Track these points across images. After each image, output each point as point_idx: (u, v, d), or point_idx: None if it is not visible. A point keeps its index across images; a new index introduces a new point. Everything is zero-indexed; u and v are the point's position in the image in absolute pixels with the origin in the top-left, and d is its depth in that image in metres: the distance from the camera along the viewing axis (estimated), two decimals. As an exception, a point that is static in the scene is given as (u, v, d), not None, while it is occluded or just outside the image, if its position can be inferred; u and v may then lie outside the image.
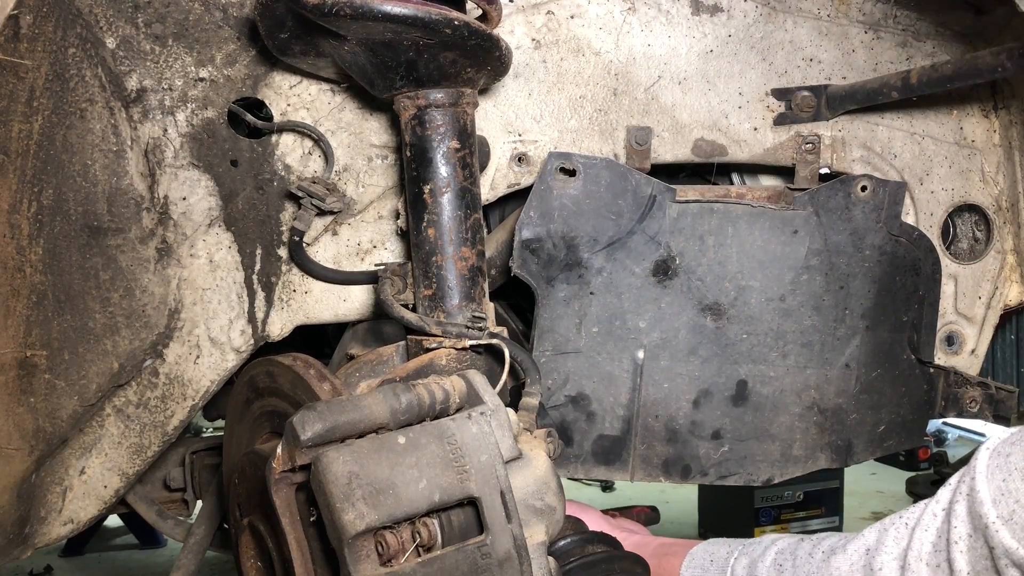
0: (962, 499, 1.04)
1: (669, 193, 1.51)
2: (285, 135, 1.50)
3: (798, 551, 1.24)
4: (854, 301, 1.60)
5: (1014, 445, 1.01)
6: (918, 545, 1.08)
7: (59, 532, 1.53)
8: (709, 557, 1.37)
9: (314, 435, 0.96)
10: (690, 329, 1.56)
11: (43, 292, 1.37)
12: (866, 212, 1.57)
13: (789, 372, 1.60)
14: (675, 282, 1.54)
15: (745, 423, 1.61)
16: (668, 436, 1.59)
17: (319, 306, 1.56)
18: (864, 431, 1.67)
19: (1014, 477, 0.98)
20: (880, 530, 1.15)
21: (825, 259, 1.57)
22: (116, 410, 1.50)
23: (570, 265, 1.50)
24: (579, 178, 1.48)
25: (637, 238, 1.51)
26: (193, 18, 1.43)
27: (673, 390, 1.58)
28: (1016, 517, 0.97)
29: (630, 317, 1.53)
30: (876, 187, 1.57)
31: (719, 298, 1.56)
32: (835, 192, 1.56)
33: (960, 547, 1.03)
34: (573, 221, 1.49)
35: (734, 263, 1.55)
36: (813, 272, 1.57)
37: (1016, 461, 0.99)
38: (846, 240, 1.58)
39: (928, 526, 1.08)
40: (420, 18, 1.18)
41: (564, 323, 1.52)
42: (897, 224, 1.60)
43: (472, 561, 0.98)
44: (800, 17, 1.62)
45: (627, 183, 1.50)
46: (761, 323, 1.57)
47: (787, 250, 1.56)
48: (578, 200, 1.49)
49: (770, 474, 1.65)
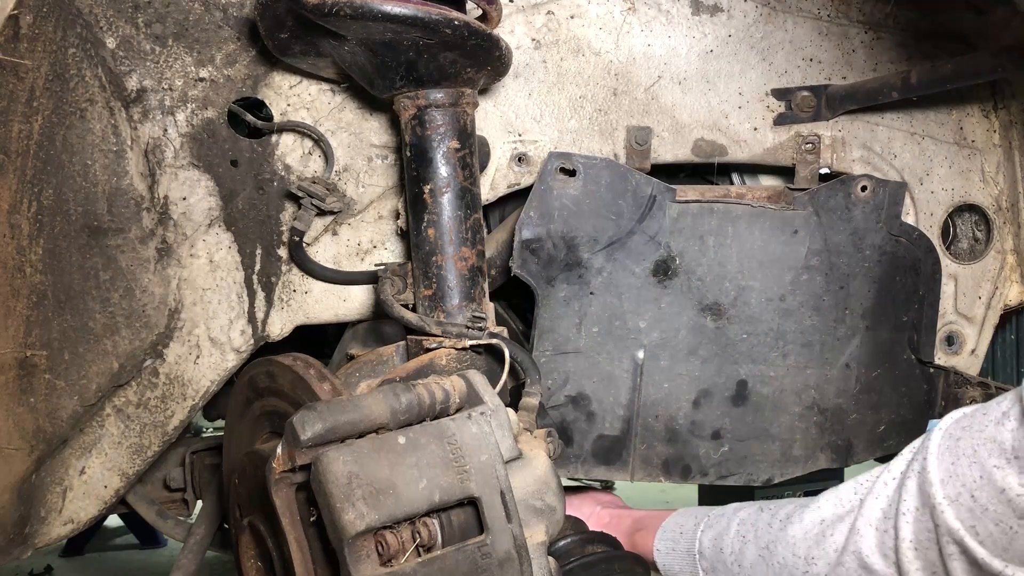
0: (914, 475, 1.07)
1: (669, 193, 1.51)
2: (285, 135, 1.50)
3: (759, 521, 1.27)
4: (854, 301, 1.60)
5: (964, 430, 1.04)
6: (868, 512, 1.12)
7: (59, 532, 1.53)
8: (679, 529, 1.40)
9: (314, 435, 0.96)
10: (690, 329, 1.56)
11: (43, 292, 1.37)
12: (866, 212, 1.57)
13: (789, 372, 1.60)
14: (675, 282, 1.54)
15: (745, 423, 1.61)
16: (668, 436, 1.59)
17: (319, 306, 1.56)
18: (864, 431, 1.67)
19: (962, 462, 1.01)
20: (835, 499, 1.18)
21: (825, 259, 1.57)
22: (116, 410, 1.50)
23: (570, 265, 1.50)
24: (579, 178, 1.48)
25: (637, 238, 1.51)
26: (193, 18, 1.43)
27: (673, 390, 1.58)
28: (961, 499, 1.00)
29: (630, 317, 1.53)
30: (876, 187, 1.57)
31: (719, 298, 1.55)
32: (835, 192, 1.56)
33: (907, 518, 1.06)
34: (573, 221, 1.49)
35: (734, 263, 1.55)
36: (813, 272, 1.57)
37: (964, 447, 1.02)
38: (846, 240, 1.58)
39: (879, 494, 1.11)
40: (420, 18, 1.18)
41: (564, 323, 1.52)
42: (897, 224, 1.60)
43: (472, 561, 0.98)
44: (800, 17, 1.62)
45: (627, 183, 1.50)
46: (761, 323, 1.57)
47: (787, 250, 1.56)
48: (578, 200, 1.48)
49: (770, 474, 1.65)
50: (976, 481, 0.99)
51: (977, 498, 0.99)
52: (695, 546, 1.35)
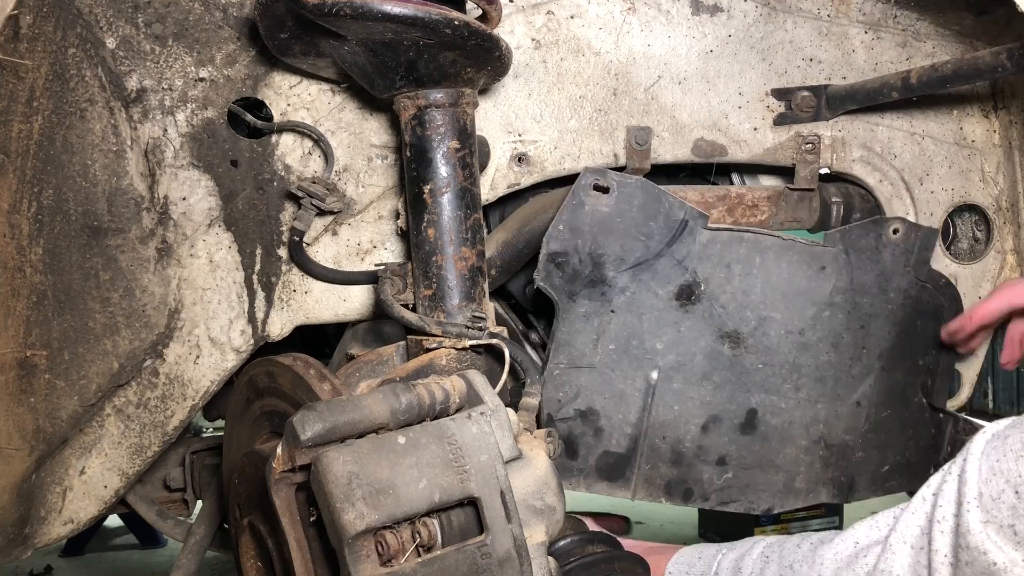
0: (952, 479, 1.02)
1: (701, 219, 1.49)
2: (285, 135, 1.50)
3: (786, 543, 1.24)
4: (873, 341, 1.60)
5: (1013, 428, 1.00)
6: (903, 527, 1.06)
7: (59, 532, 1.53)
8: (697, 554, 1.38)
9: (314, 435, 0.96)
10: (706, 354, 1.55)
11: (43, 292, 1.37)
12: (895, 255, 1.57)
13: (800, 405, 1.59)
14: (697, 307, 1.53)
15: (751, 451, 1.60)
16: (673, 458, 1.58)
17: (319, 306, 1.56)
18: (868, 469, 1.66)
19: (1008, 457, 0.97)
20: (871, 523, 1.13)
21: (849, 297, 1.57)
22: (116, 410, 1.50)
23: (594, 282, 1.49)
24: (612, 196, 1.46)
25: (664, 261, 1.50)
26: (193, 18, 1.43)
27: (683, 413, 1.56)
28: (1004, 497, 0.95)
29: (648, 338, 1.52)
30: (908, 231, 1.57)
31: (739, 326, 1.55)
32: (867, 232, 1.56)
33: (942, 527, 1.01)
34: (602, 238, 1.47)
35: (758, 293, 1.54)
36: (836, 309, 1.57)
37: (1012, 443, 0.98)
38: (872, 281, 1.57)
39: (916, 509, 1.06)
40: (420, 18, 1.18)
41: (582, 338, 1.51)
42: (925, 270, 1.59)
43: (472, 561, 0.98)
44: (800, 17, 1.62)
45: (660, 205, 1.48)
46: (778, 354, 1.56)
47: (812, 285, 1.55)
48: (609, 218, 1.47)
49: (770, 504, 1.63)
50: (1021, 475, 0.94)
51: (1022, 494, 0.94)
52: (712, 567, 1.32)
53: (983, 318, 1.55)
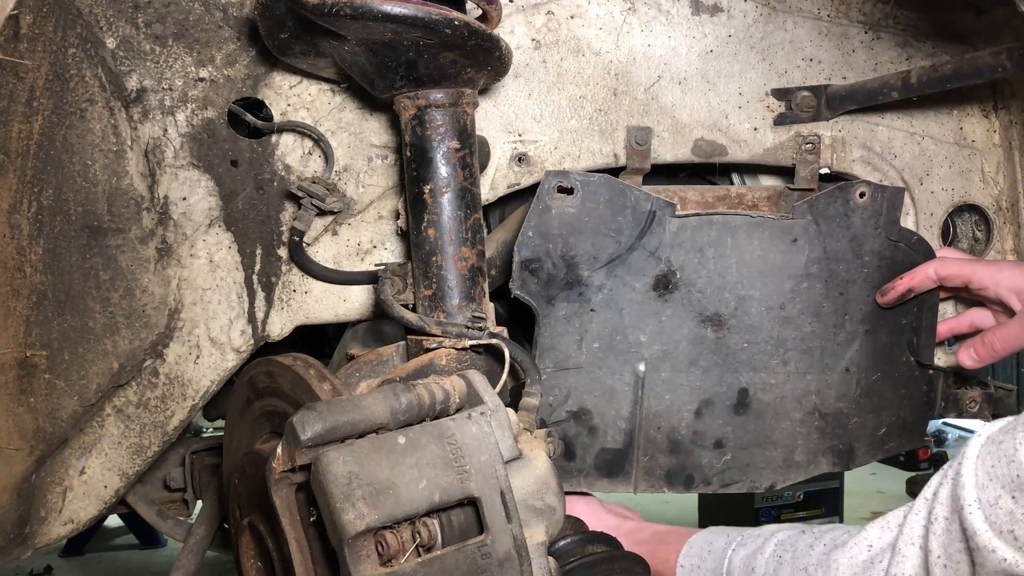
0: (947, 482, 1.04)
1: (669, 208, 1.50)
2: (285, 135, 1.50)
3: (799, 543, 1.23)
4: (853, 306, 1.60)
5: (1007, 433, 1.01)
6: (909, 530, 1.08)
7: (59, 532, 1.53)
8: (707, 547, 1.37)
9: (314, 435, 0.96)
10: (691, 340, 1.55)
11: (43, 292, 1.37)
12: (865, 218, 1.57)
13: (790, 378, 1.60)
14: (675, 295, 1.53)
15: (747, 431, 1.60)
16: (670, 447, 1.58)
17: (319, 306, 1.56)
18: (865, 434, 1.67)
19: (1002, 463, 0.98)
20: (882, 524, 1.14)
21: (824, 266, 1.57)
22: (116, 410, 1.50)
23: (570, 283, 1.49)
24: (577, 196, 1.46)
25: (637, 254, 1.50)
26: (193, 18, 1.43)
27: (675, 401, 1.57)
28: (1001, 503, 0.96)
29: (631, 331, 1.53)
30: (875, 193, 1.57)
31: (719, 309, 1.55)
32: (834, 200, 1.56)
33: (935, 529, 1.03)
34: (572, 239, 1.47)
35: (734, 274, 1.54)
36: (813, 280, 1.57)
37: (1006, 448, 0.99)
38: (845, 247, 1.57)
39: (919, 509, 1.08)
40: (420, 18, 1.18)
41: (565, 340, 1.51)
42: (896, 229, 1.59)
43: (472, 561, 0.98)
44: (800, 17, 1.62)
45: (626, 200, 1.48)
46: (761, 331, 1.57)
47: (787, 259, 1.55)
48: (577, 218, 1.47)
49: (772, 480, 1.64)
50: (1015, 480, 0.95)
51: (1018, 499, 0.95)
52: (724, 565, 1.31)
53: (908, 283, 1.57)
